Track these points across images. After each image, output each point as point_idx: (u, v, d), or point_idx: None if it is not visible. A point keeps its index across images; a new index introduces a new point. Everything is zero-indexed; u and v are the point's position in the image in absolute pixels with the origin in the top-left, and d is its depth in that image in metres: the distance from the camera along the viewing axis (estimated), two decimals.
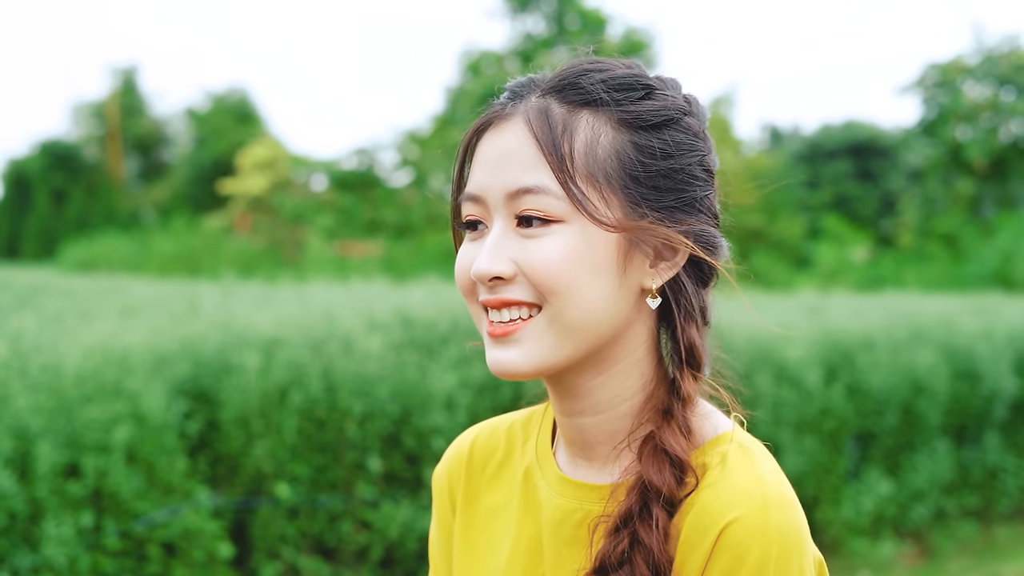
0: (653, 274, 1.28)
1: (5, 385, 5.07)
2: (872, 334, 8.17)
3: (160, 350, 5.85)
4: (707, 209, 1.31)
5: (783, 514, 1.19)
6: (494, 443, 1.48)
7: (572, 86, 1.27)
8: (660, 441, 1.24)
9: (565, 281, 1.22)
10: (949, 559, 8.05)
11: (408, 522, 5.79)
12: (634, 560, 1.21)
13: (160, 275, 20.89)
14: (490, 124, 1.30)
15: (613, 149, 1.25)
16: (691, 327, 1.29)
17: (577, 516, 1.31)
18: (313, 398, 5.71)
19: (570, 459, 1.37)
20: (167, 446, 5.37)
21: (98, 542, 5.05)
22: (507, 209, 1.25)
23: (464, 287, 1.30)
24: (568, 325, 1.23)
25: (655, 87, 1.29)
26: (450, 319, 6.47)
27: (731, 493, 1.20)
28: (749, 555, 1.16)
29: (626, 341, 1.29)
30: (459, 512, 1.46)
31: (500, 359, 1.26)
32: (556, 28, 26.14)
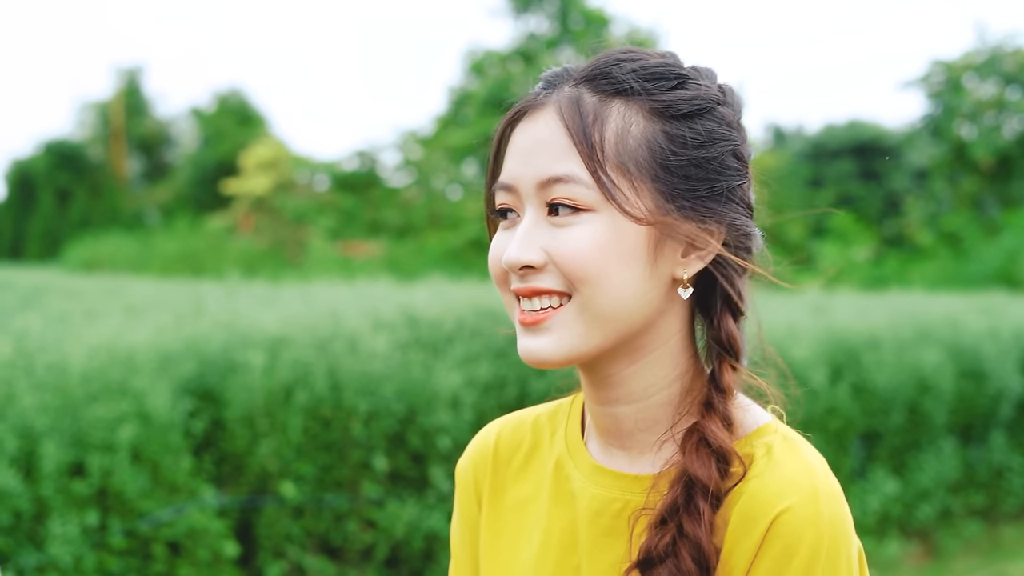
0: (684, 264, 1.27)
1: (10, 384, 5.07)
2: (878, 333, 8.16)
3: (165, 349, 5.85)
4: (740, 199, 1.30)
5: (833, 505, 1.21)
6: (520, 436, 1.48)
7: (604, 76, 1.27)
8: (703, 434, 1.24)
9: (594, 270, 1.22)
10: (955, 558, 8.03)
11: (413, 521, 5.78)
12: (679, 553, 1.20)
13: (163, 275, 20.93)
14: (524, 114, 1.30)
15: (644, 138, 1.24)
16: (727, 317, 1.30)
17: (616, 506, 1.31)
18: (318, 397, 5.71)
19: (604, 448, 1.36)
20: (172, 445, 5.37)
21: (103, 541, 5.05)
22: (538, 198, 1.25)
23: (497, 275, 1.30)
24: (598, 314, 1.23)
25: (688, 77, 1.29)
26: (455, 318, 6.46)
27: (781, 483, 1.20)
28: (801, 544, 1.17)
29: (658, 330, 1.29)
30: (485, 505, 1.46)
31: (531, 347, 1.26)
32: (560, 28, 26.13)
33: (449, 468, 5.99)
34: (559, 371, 4.83)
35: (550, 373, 6.19)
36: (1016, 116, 24.10)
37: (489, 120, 22.56)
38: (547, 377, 6.18)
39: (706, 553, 1.20)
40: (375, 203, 25.79)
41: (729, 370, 1.29)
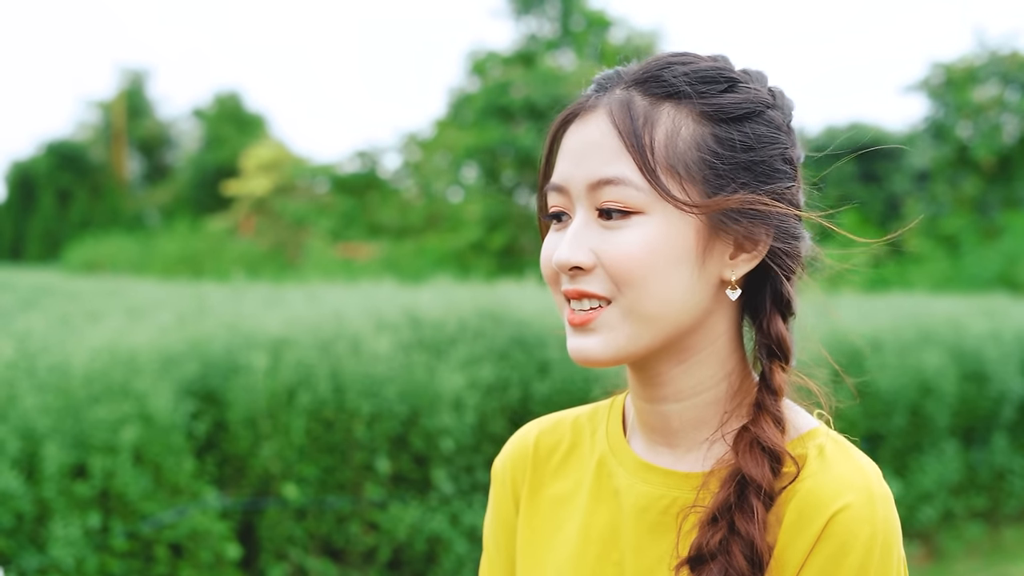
0: (733, 265, 1.29)
1: (12, 385, 5.06)
2: (880, 335, 8.16)
3: (167, 350, 5.85)
4: (788, 202, 1.31)
5: (887, 507, 1.22)
6: (558, 435, 1.49)
7: (655, 79, 1.29)
8: (756, 434, 1.26)
9: (642, 272, 1.24)
10: (957, 560, 8.04)
11: (416, 523, 5.78)
12: (731, 550, 1.22)
13: (164, 276, 20.94)
14: (576, 115, 1.32)
15: (694, 141, 1.26)
16: (777, 318, 1.32)
17: (663, 503, 1.32)
18: (321, 399, 5.71)
19: (649, 446, 1.38)
20: (175, 447, 5.36)
21: (105, 543, 5.04)
22: (589, 200, 1.27)
23: (548, 276, 1.32)
24: (644, 315, 1.25)
25: (738, 80, 1.30)
26: (458, 320, 6.46)
27: (836, 483, 1.22)
28: (856, 544, 1.19)
29: (707, 331, 1.31)
30: (524, 503, 1.48)
31: (579, 347, 1.28)
32: (561, 29, 26.13)
33: (451, 470, 5.99)
34: (563, 374, 4.85)
35: (552, 375, 6.20)
36: (1016, 116, 24.11)
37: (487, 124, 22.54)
38: (549, 379, 6.18)
39: (759, 550, 1.21)
40: (375, 205, 25.81)
41: (779, 371, 1.31)
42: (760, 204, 1.28)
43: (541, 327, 6.48)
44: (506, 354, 6.34)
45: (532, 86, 22.15)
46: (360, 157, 26.69)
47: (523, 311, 6.67)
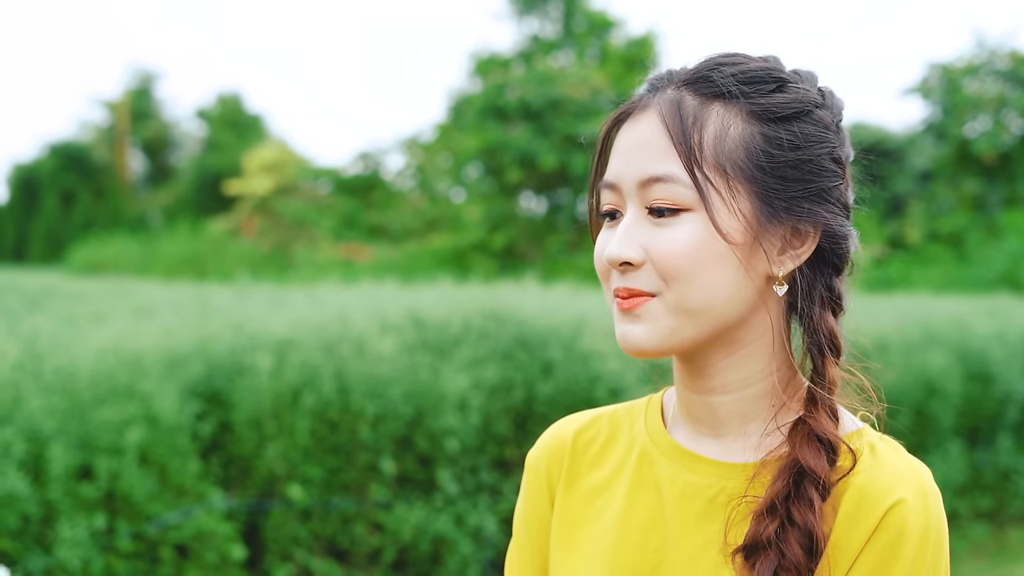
0: (780, 262, 1.32)
1: (18, 387, 5.07)
2: (885, 336, 8.17)
3: (172, 352, 5.86)
4: (836, 200, 1.35)
5: (939, 505, 1.26)
6: (596, 428, 1.52)
7: (705, 79, 1.32)
8: (812, 426, 1.29)
9: (688, 268, 1.27)
10: (961, 561, 8.04)
11: (421, 524, 5.79)
12: (787, 540, 1.24)
13: (167, 278, 20.97)
14: (628, 115, 1.35)
15: (742, 140, 1.29)
16: (827, 314, 1.35)
17: (711, 492, 1.35)
18: (326, 400, 5.72)
19: (693, 437, 1.40)
20: (180, 448, 5.38)
21: (111, 544, 5.05)
22: (639, 197, 1.30)
23: (601, 271, 1.35)
24: (690, 309, 1.28)
25: (788, 80, 1.33)
26: (462, 320, 6.47)
27: (892, 477, 1.25)
28: (912, 536, 1.22)
29: (754, 325, 1.34)
30: (560, 495, 1.50)
31: (626, 333, 1.31)
32: (563, 30, 26.16)
33: (456, 471, 6.00)
34: (567, 375, 4.85)
35: (556, 376, 6.21)
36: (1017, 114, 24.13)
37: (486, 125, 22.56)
38: (553, 380, 6.19)
39: (817, 539, 1.24)
40: (377, 206, 25.84)
41: (832, 365, 1.34)
42: (801, 234, 1.32)
43: (544, 328, 6.49)
44: (510, 355, 6.35)
45: (528, 87, 22.16)
46: (363, 159, 26.72)
47: (525, 312, 6.69)
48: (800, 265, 1.33)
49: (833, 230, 1.34)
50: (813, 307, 1.35)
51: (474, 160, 23.21)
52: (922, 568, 1.23)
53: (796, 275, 1.34)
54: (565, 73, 22.94)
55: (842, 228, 1.35)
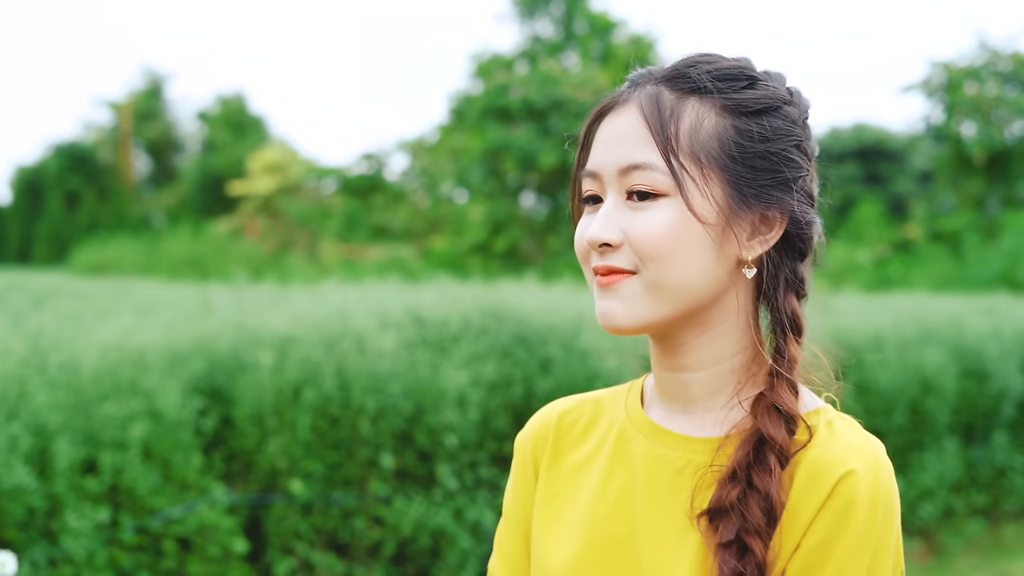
0: (749, 247, 1.40)
1: (24, 382, 5.14)
2: (881, 334, 8.22)
3: (175, 348, 5.92)
4: (802, 189, 1.43)
5: (890, 477, 1.34)
6: (581, 410, 1.61)
7: (682, 76, 1.41)
8: (773, 399, 1.37)
9: (665, 249, 1.35)
10: (957, 557, 8.09)
11: (420, 518, 5.85)
12: (748, 504, 1.32)
13: (170, 278, 21.03)
14: (610, 109, 1.44)
15: (715, 132, 1.38)
16: (791, 297, 1.43)
17: (679, 464, 1.43)
18: (327, 395, 5.78)
19: (667, 415, 1.49)
20: (183, 443, 5.44)
21: (115, 537, 5.12)
22: (619, 184, 1.39)
23: (581, 253, 1.43)
24: (665, 288, 1.37)
25: (758, 78, 1.43)
26: (462, 318, 6.53)
27: (844, 450, 1.33)
28: (861, 505, 1.30)
29: (724, 305, 1.42)
30: (543, 472, 1.59)
31: (606, 310, 1.40)
32: (564, 32, 26.20)
33: (455, 466, 6.06)
34: (565, 371, 4.92)
35: (555, 372, 6.27)
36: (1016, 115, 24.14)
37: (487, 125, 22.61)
38: (552, 376, 6.25)
39: (774, 505, 1.32)
40: (380, 207, 25.88)
41: (794, 344, 1.42)
42: (768, 221, 1.41)
43: (543, 325, 6.56)
44: (509, 352, 6.42)
45: (531, 87, 22.21)
46: (366, 159, 26.75)
47: (525, 309, 6.76)
48: (768, 250, 1.42)
49: (799, 217, 1.42)
50: (778, 289, 1.43)
51: (476, 161, 23.26)
52: (871, 536, 1.30)
53: (764, 259, 1.42)
54: (568, 74, 22.99)
55: (807, 216, 1.43)
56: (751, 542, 1.32)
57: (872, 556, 1.31)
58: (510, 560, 1.61)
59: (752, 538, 1.32)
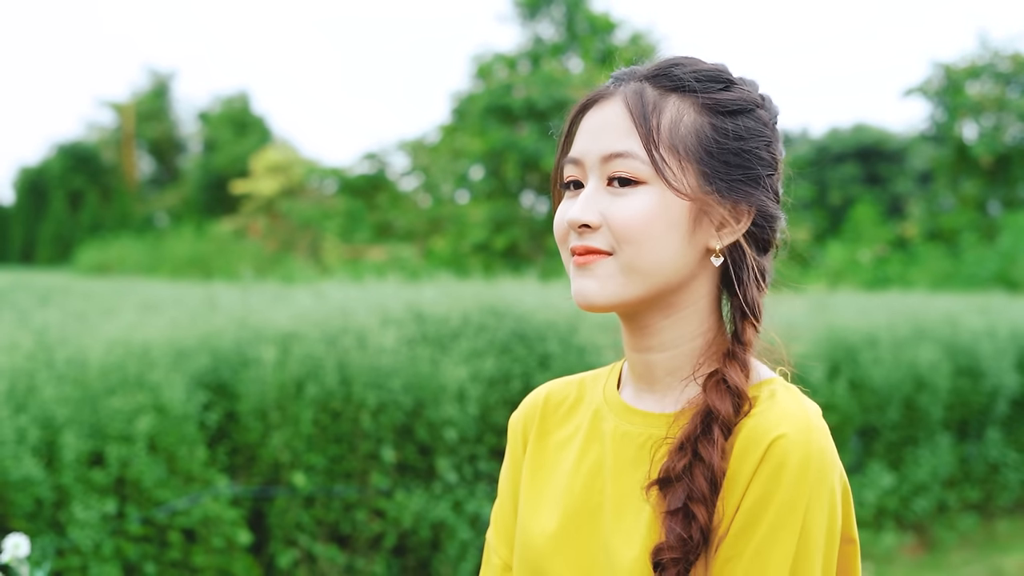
0: (718, 236, 1.51)
1: (32, 376, 5.24)
2: (876, 331, 8.31)
3: (180, 344, 6.02)
4: (769, 187, 1.54)
5: (821, 437, 1.41)
6: (567, 391, 1.73)
7: (665, 74, 1.52)
8: (724, 376, 1.47)
9: (641, 233, 1.45)
10: (950, 551, 8.18)
11: (421, 511, 5.96)
12: (694, 473, 1.42)
13: (173, 278, 21.11)
14: (595, 102, 1.55)
15: (694, 127, 1.48)
16: (752, 286, 1.53)
17: (640, 439, 1.54)
18: (328, 390, 5.88)
19: (636, 394, 1.60)
20: (187, 436, 5.54)
21: (121, 528, 5.21)
22: (601, 170, 1.49)
23: (559, 234, 1.54)
24: (638, 270, 1.46)
25: (735, 82, 1.54)
26: (461, 315, 6.63)
27: (779, 416, 1.42)
28: (791, 465, 1.38)
29: (691, 291, 1.52)
30: (530, 448, 1.71)
31: (581, 289, 1.49)
32: (566, 33, 26.26)
33: (455, 460, 6.17)
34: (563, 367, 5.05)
35: (553, 368, 6.37)
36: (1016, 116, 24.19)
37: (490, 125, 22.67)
38: (550, 372, 6.35)
39: (716, 473, 1.41)
40: (382, 207, 25.94)
41: (751, 329, 1.52)
42: (737, 213, 1.51)
43: (542, 322, 6.66)
44: (508, 348, 6.52)
45: (534, 87, 22.28)
46: (368, 159, 26.81)
47: (524, 306, 6.85)
48: (735, 241, 1.52)
49: (765, 212, 1.52)
50: (741, 278, 1.52)
51: (478, 161, 23.32)
52: (802, 494, 1.37)
53: (731, 249, 1.52)
54: (570, 75, 23.05)
55: (772, 211, 1.54)
56: (696, 509, 1.40)
57: (804, 513, 1.37)
58: (504, 532, 1.72)
59: (697, 506, 1.40)
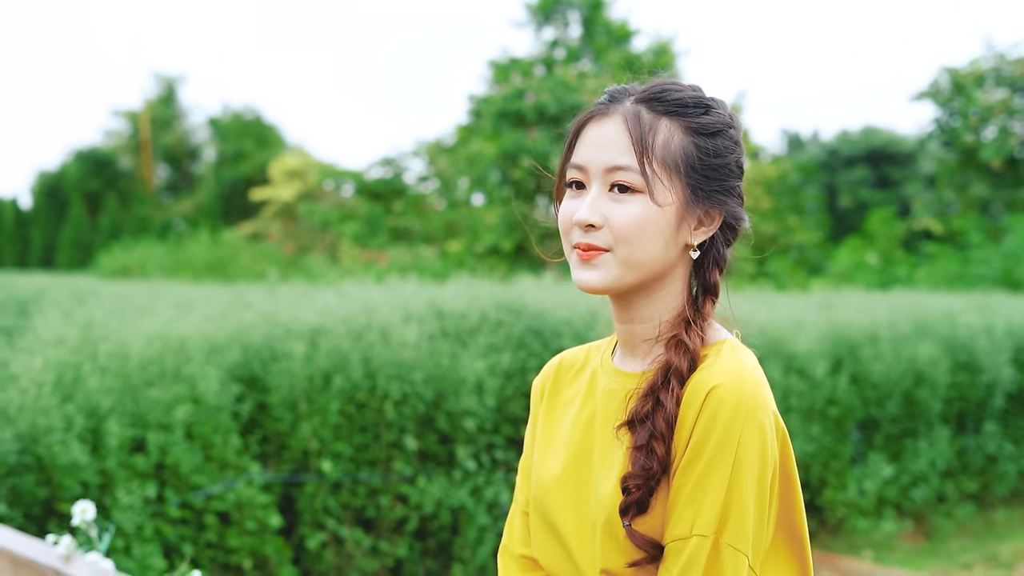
0: (695, 235, 1.85)
1: (78, 368, 5.54)
2: (877, 328, 8.56)
3: (213, 339, 6.32)
4: (738, 194, 1.89)
5: (753, 386, 1.74)
6: (575, 357, 2.08)
7: (657, 99, 1.85)
8: (682, 339, 1.81)
9: (635, 234, 1.79)
10: (949, 539, 8.45)
11: (441, 497, 6.27)
12: (655, 416, 1.76)
13: (194, 280, 21.34)
14: (594, 116, 1.87)
15: (681, 147, 1.82)
16: (715, 270, 1.88)
17: (622, 394, 1.88)
18: (354, 383, 6.20)
19: (622, 358, 1.94)
20: (222, 425, 5.85)
21: (161, 511, 5.51)
22: (603, 179, 1.81)
23: (565, 228, 1.86)
24: (632, 263, 1.80)
25: (712, 106, 1.87)
26: (479, 312, 6.93)
27: (719, 370, 1.75)
28: (724, 409, 1.71)
29: (670, 277, 1.87)
30: (544, 404, 2.06)
31: (582, 277, 1.83)
32: (582, 40, 26.37)
33: (473, 449, 6.47)
34: None
35: None
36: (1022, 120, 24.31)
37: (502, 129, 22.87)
38: None
39: (670, 418, 1.75)
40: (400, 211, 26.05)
41: (710, 303, 1.87)
42: (711, 216, 1.85)
43: (558, 319, 6.96)
44: (523, 343, 6.82)
45: (544, 93, 22.46)
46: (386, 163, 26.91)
47: (540, 304, 7.15)
48: (708, 237, 1.86)
49: (734, 214, 1.87)
50: (709, 265, 1.87)
51: (492, 164, 23.48)
52: (733, 433, 1.69)
53: (702, 244, 1.87)
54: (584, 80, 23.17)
55: (739, 213, 1.88)
56: (656, 445, 1.73)
57: (737, 447, 1.69)
58: (526, 476, 2.08)
59: (657, 442, 1.73)
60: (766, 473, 1.73)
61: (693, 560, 1.69)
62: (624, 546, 1.77)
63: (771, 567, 1.80)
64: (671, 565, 1.71)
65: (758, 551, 1.73)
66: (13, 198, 48.49)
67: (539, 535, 1.95)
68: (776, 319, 8.46)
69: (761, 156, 25.64)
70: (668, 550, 1.73)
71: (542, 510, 1.94)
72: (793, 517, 1.81)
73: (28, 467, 5.28)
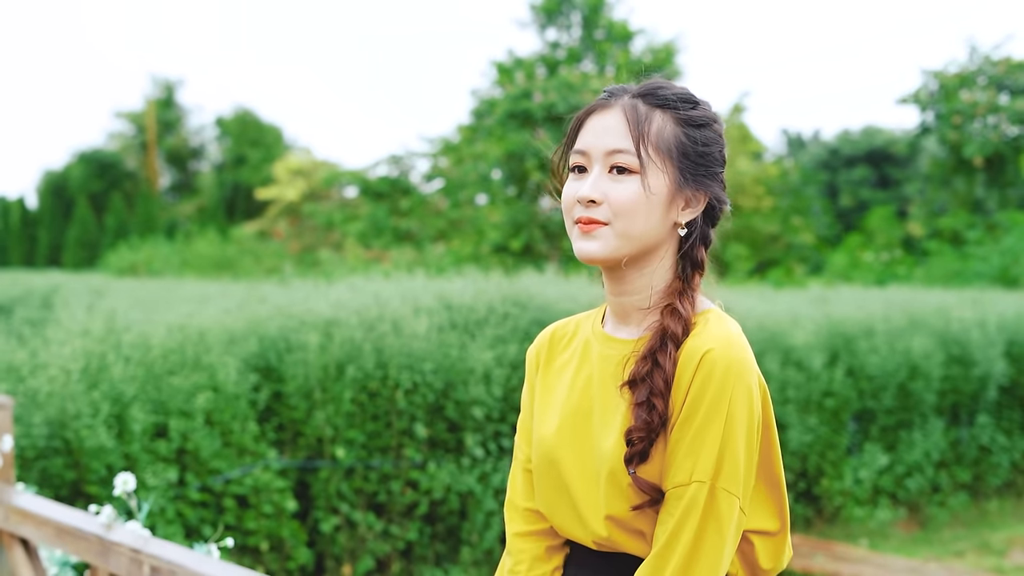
0: (683, 214, 2.06)
1: (103, 357, 5.77)
2: (872, 322, 8.76)
3: (231, 330, 6.53)
4: (720, 180, 2.11)
5: (740, 351, 1.96)
6: (568, 327, 2.27)
7: (652, 94, 2.06)
8: (675, 306, 2.02)
9: (631, 210, 1.99)
10: (942, 528, 8.64)
11: (450, 482, 6.48)
12: (653, 376, 1.96)
13: (202, 278, 21.46)
14: (595, 110, 2.08)
15: (673, 136, 2.03)
16: (701, 247, 2.10)
17: (618, 358, 2.07)
18: (367, 372, 6.40)
19: (615, 327, 2.13)
20: (240, 413, 6.07)
21: (182, 494, 5.73)
22: (604, 162, 2.02)
23: (567, 206, 2.06)
24: (628, 236, 2.00)
25: (700, 103, 2.10)
26: (487, 305, 7.15)
27: (709, 336, 1.96)
28: (716, 371, 1.92)
29: (660, 252, 2.06)
30: (540, 372, 2.25)
31: (583, 247, 2.02)
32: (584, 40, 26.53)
33: (481, 436, 6.68)
34: None
35: None
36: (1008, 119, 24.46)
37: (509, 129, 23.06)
38: None
39: (668, 377, 1.96)
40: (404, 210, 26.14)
41: (697, 276, 2.08)
42: (698, 198, 2.07)
43: (562, 312, 7.15)
44: (530, 335, 7.03)
45: (551, 93, 22.63)
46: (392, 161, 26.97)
47: (544, 297, 7.37)
48: (694, 217, 2.09)
49: (717, 197, 2.09)
50: (695, 242, 2.09)
51: (497, 164, 23.64)
52: (725, 392, 1.89)
53: (690, 223, 2.08)
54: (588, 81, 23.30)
55: (721, 196, 2.10)
56: (655, 401, 1.92)
57: (728, 405, 1.89)
58: (524, 435, 2.27)
59: (656, 399, 1.93)
60: (752, 426, 1.94)
61: (693, 503, 1.91)
62: (628, 493, 1.98)
63: (754, 507, 2.02)
64: (673, 508, 1.92)
65: (747, 494, 1.94)
66: (20, 198, 48.63)
67: (544, 488, 2.14)
68: (774, 313, 8.67)
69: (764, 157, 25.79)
70: (669, 495, 1.93)
71: (547, 465, 2.13)
72: (772, 464, 2.03)
73: (57, 450, 5.52)
